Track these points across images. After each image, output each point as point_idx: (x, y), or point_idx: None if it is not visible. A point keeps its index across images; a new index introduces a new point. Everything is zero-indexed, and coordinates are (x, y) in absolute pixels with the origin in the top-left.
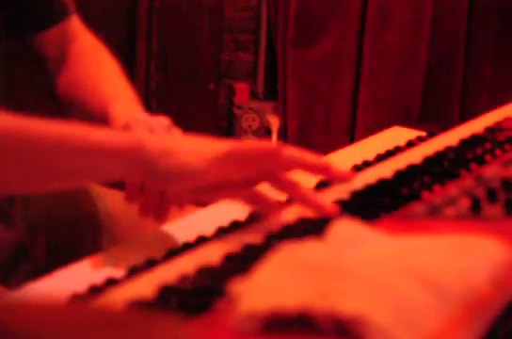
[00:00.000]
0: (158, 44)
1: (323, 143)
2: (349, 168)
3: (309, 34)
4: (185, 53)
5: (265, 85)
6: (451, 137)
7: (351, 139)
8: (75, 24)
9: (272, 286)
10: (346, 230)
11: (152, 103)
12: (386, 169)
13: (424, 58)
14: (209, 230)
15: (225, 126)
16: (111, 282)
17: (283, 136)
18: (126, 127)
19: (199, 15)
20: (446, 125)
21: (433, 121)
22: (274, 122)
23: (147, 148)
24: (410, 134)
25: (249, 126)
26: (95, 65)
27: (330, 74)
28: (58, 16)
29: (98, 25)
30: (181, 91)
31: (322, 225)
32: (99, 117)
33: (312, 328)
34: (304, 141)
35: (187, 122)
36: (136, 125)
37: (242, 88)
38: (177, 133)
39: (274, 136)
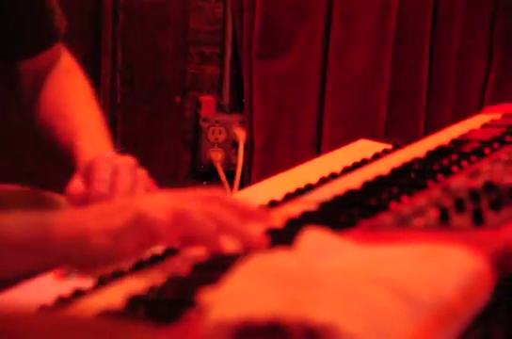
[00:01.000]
0: (123, 57)
1: (290, 155)
2: (316, 180)
3: (274, 47)
4: (151, 66)
5: (232, 97)
6: (417, 149)
7: (318, 153)
8: (59, 46)
9: (242, 295)
10: (316, 239)
11: (118, 116)
12: (354, 181)
13: (389, 72)
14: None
15: (191, 139)
16: (79, 294)
17: (250, 148)
18: (90, 165)
19: (163, 28)
20: (412, 138)
21: (399, 134)
22: (241, 135)
23: (56, 237)
24: (377, 147)
25: (216, 139)
26: (69, 91)
27: (296, 88)
28: (51, 40)
29: (63, 39)
30: (147, 104)
31: (290, 236)
32: (65, 147)
33: (282, 336)
34: (270, 154)
35: (153, 136)
36: (100, 163)
37: (208, 101)
38: (141, 173)
39: (241, 149)
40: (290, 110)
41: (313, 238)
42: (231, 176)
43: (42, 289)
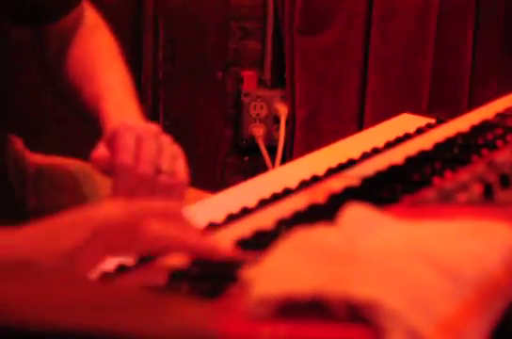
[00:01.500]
0: (164, 34)
1: (331, 131)
2: (359, 155)
3: (316, 22)
4: (192, 42)
5: (273, 73)
6: (461, 124)
7: (360, 127)
8: (82, 5)
9: (284, 271)
10: (358, 215)
11: (160, 92)
12: (396, 156)
13: (432, 45)
14: (219, 216)
15: (233, 114)
16: (122, 269)
17: (292, 124)
18: (114, 133)
19: (205, 3)
20: (456, 112)
21: (443, 109)
22: (282, 110)
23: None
24: (420, 121)
25: (257, 114)
26: (95, 47)
27: (338, 62)
28: (74, 2)
29: (105, 17)
30: (188, 80)
31: (332, 211)
32: (91, 110)
33: (325, 312)
34: (312, 129)
35: (195, 111)
36: (124, 132)
37: (249, 76)
38: (166, 140)
39: (282, 124)
40: (332, 85)
41: (356, 214)
42: (272, 151)
43: None
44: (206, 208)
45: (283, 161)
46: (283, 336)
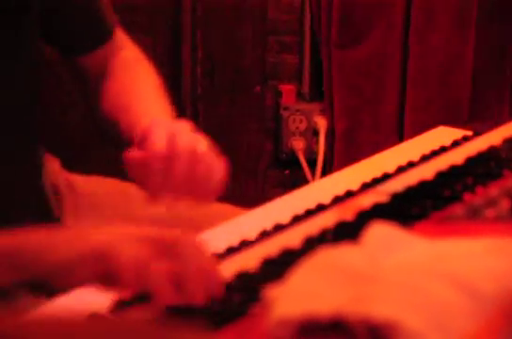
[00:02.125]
0: (203, 49)
1: (371, 143)
2: (394, 168)
3: (353, 35)
4: (230, 56)
5: (312, 86)
6: (495, 137)
7: (400, 139)
8: (118, 37)
9: (306, 291)
10: (382, 234)
11: (200, 107)
12: (428, 171)
13: (472, 55)
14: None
15: (272, 128)
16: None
17: (331, 136)
18: (145, 131)
19: (242, 18)
20: (495, 124)
21: (483, 119)
22: (321, 124)
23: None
24: (456, 133)
25: (297, 128)
26: (132, 80)
27: (376, 75)
28: (105, 36)
29: (144, 33)
30: (227, 95)
31: (360, 228)
32: (128, 140)
33: (345, 333)
34: (352, 141)
35: (235, 126)
36: (156, 127)
37: (288, 90)
38: (200, 136)
39: (322, 137)
40: (370, 97)
41: (380, 232)
42: (312, 164)
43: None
44: (241, 225)
45: (324, 174)
46: None
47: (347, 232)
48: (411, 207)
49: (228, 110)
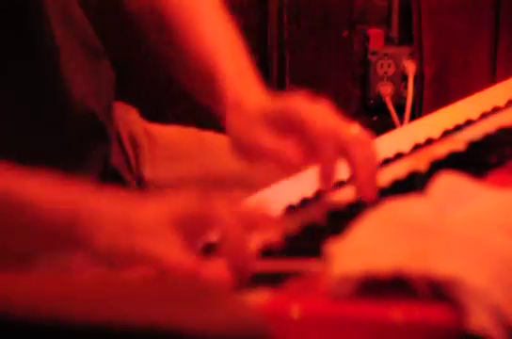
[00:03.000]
0: None
1: (462, 87)
2: (478, 115)
3: None
4: (317, 1)
5: (400, 29)
6: None
7: (493, 81)
8: None
9: (367, 247)
10: (450, 185)
11: (286, 53)
12: (509, 118)
13: None
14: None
15: (360, 73)
16: None
17: (420, 81)
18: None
19: None
20: None
21: None
22: (410, 68)
23: (82, 222)
24: None
25: (385, 72)
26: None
27: (468, 15)
28: None
29: None
30: (314, 40)
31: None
32: (194, 69)
33: (406, 290)
34: (442, 86)
35: (322, 71)
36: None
37: (376, 34)
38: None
39: (410, 81)
40: (462, 39)
41: (448, 183)
42: (401, 110)
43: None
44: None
45: (412, 119)
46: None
47: (419, 182)
48: (488, 156)
49: (315, 56)
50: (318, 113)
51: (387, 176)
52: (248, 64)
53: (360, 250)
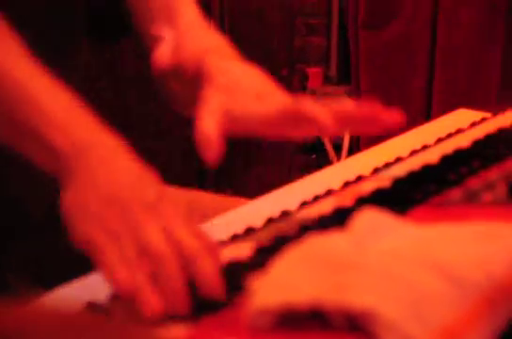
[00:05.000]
0: (230, 32)
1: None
2: (408, 153)
3: (380, 15)
4: (258, 39)
5: (339, 68)
6: (506, 119)
7: (428, 120)
8: None
9: (287, 280)
10: (371, 220)
11: None
12: (436, 154)
13: (502, 33)
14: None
15: None
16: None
17: None
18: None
19: (269, 1)
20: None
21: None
22: None
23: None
24: (475, 116)
25: None
26: None
27: (404, 56)
28: None
29: None
30: None
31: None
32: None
33: (324, 322)
34: None
35: None
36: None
37: (315, 73)
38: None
39: None
40: (398, 79)
41: (369, 219)
42: (338, 149)
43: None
44: (248, 212)
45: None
46: None
47: (344, 218)
48: (412, 192)
49: None
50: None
51: (314, 212)
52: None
53: (281, 284)
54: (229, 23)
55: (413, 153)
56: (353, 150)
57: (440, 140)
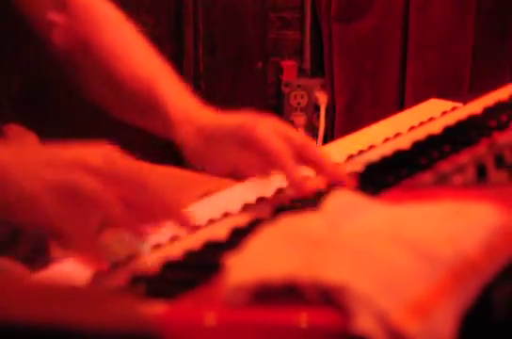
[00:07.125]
0: (204, 27)
1: (372, 118)
2: (381, 140)
3: (353, 9)
4: (232, 34)
5: (313, 61)
6: (476, 106)
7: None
8: None
9: (262, 258)
10: (343, 201)
11: (202, 84)
12: (406, 141)
13: (472, 28)
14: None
15: (274, 104)
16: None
17: (332, 112)
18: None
19: None
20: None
21: (485, 91)
22: (322, 99)
23: None
24: (447, 106)
25: (298, 103)
26: (109, 22)
27: (377, 49)
28: None
29: (147, 12)
30: (229, 72)
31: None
32: (129, 84)
33: (298, 297)
34: (353, 116)
35: (237, 102)
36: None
37: (289, 66)
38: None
39: (322, 112)
40: (371, 72)
41: (341, 200)
42: (314, 140)
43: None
44: (226, 198)
45: None
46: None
47: (320, 199)
48: (384, 176)
49: (230, 87)
50: (268, 127)
51: (288, 197)
52: (185, 85)
53: (256, 261)
54: (203, 16)
55: (386, 140)
56: (328, 141)
57: (412, 128)
